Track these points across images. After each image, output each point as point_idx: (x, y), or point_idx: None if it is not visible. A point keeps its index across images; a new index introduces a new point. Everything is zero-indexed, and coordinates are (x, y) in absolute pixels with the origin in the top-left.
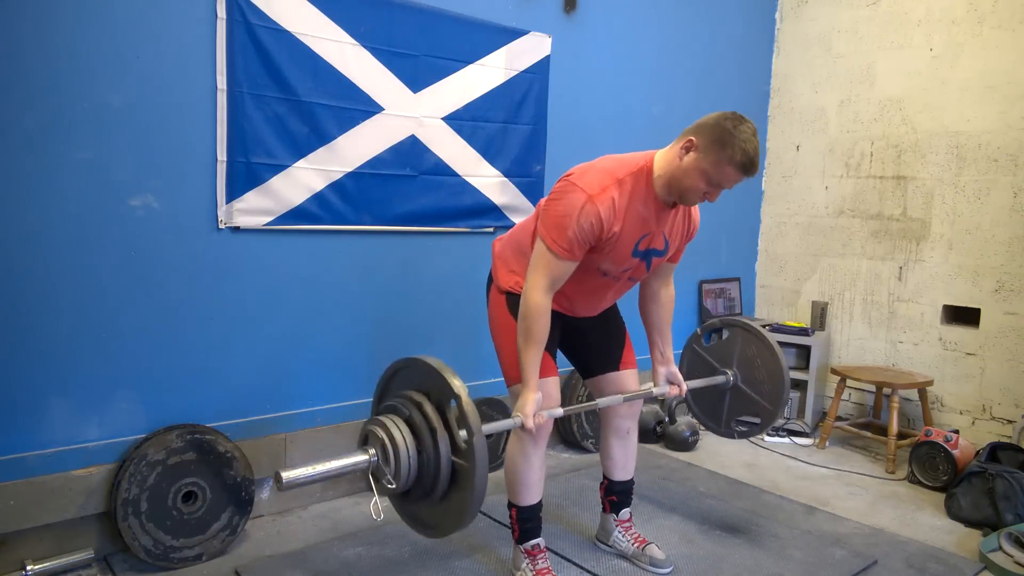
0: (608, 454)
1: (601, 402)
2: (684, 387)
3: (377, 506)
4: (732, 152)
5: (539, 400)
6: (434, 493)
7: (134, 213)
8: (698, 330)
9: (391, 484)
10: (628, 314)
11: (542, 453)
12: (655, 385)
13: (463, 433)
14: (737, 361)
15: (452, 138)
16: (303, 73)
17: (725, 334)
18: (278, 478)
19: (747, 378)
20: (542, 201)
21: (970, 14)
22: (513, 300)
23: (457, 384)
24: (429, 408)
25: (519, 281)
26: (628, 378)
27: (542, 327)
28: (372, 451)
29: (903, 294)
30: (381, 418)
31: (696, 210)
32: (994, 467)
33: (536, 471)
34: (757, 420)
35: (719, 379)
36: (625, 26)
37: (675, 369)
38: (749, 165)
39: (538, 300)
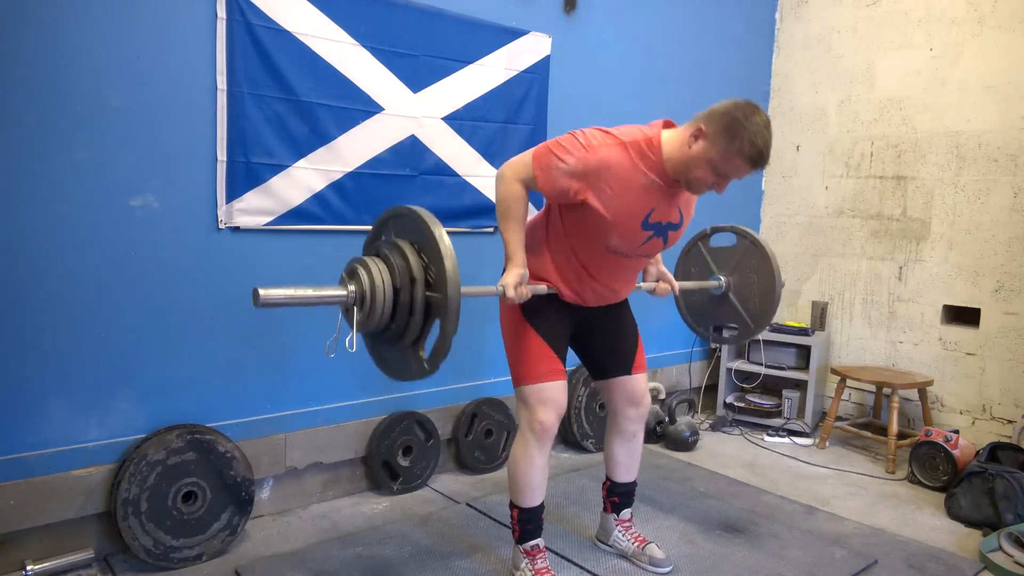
0: (613, 456)
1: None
2: (676, 285)
3: (351, 340)
4: (741, 144)
5: (524, 276)
6: (410, 329)
7: (134, 213)
8: (707, 229)
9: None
10: (638, 313)
11: (546, 455)
12: (644, 281)
13: (439, 284)
14: (734, 269)
15: (452, 138)
16: (303, 73)
17: (734, 240)
18: (255, 294)
19: (739, 289)
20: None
21: (970, 14)
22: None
23: (439, 234)
24: (412, 255)
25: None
26: (639, 382)
27: (520, 209)
28: (351, 287)
29: (903, 294)
30: (363, 257)
31: None
32: (994, 467)
33: (539, 473)
34: (736, 330)
35: (711, 283)
36: (625, 26)
37: (664, 268)
38: (759, 158)
39: (514, 188)
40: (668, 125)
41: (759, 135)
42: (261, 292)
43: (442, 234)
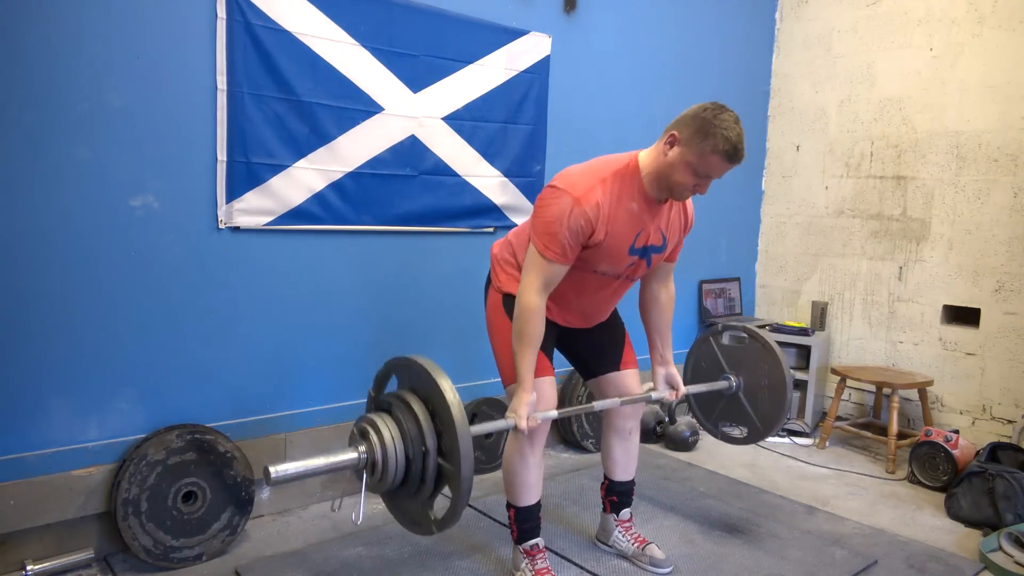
0: (609, 454)
1: (597, 405)
2: (682, 391)
3: (359, 512)
4: (715, 141)
5: (533, 402)
6: (421, 493)
7: (134, 213)
8: (720, 326)
9: (379, 482)
10: (627, 314)
11: (539, 454)
12: (654, 388)
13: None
14: (746, 370)
15: (452, 138)
16: (303, 73)
17: (746, 340)
18: (266, 473)
19: (749, 391)
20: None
21: (970, 14)
22: (510, 301)
23: (446, 387)
24: (419, 409)
25: (518, 282)
26: (629, 378)
27: (536, 328)
28: (362, 449)
29: (903, 294)
30: (372, 416)
31: (690, 203)
32: (994, 467)
33: (533, 472)
34: (744, 433)
35: (721, 385)
36: (625, 26)
37: (674, 371)
38: (733, 152)
39: (532, 301)
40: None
41: (730, 130)
42: (272, 470)
43: (445, 381)
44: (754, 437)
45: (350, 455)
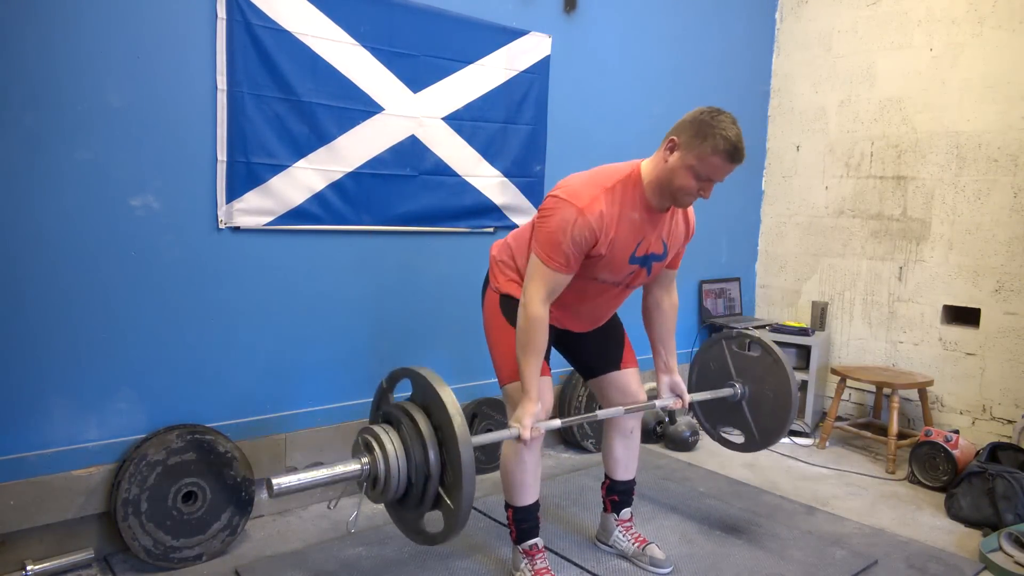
0: (611, 453)
1: (601, 414)
2: (687, 399)
3: (354, 520)
4: (715, 142)
5: (538, 413)
6: (423, 504)
7: (134, 213)
8: (734, 331)
9: (381, 494)
10: (625, 315)
11: (536, 454)
12: (659, 396)
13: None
14: (753, 380)
15: (452, 138)
16: (303, 73)
17: (757, 350)
18: (269, 485)
19: (753, 401)
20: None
21: (970, 14)
22: (507, 301)
23: (448, 399)
24: (422, 420)
25: (516, 285)
26: (630, 377)
27: (541, 338)
28: (365, 461)
29: (903, 294)
30: (375, 428)
31: (692, 211)
32: (994, 467)
33: (530, 472)
34: (741, 439)
35: (726, 392)
36: (625, 26)
37: (678, 379)
38: (734, 151)
39: (536, 311)
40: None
41: (729, 130)
42: (275, 482)
43: (447, 393)
44: (750, 447)
45: (353, 467)
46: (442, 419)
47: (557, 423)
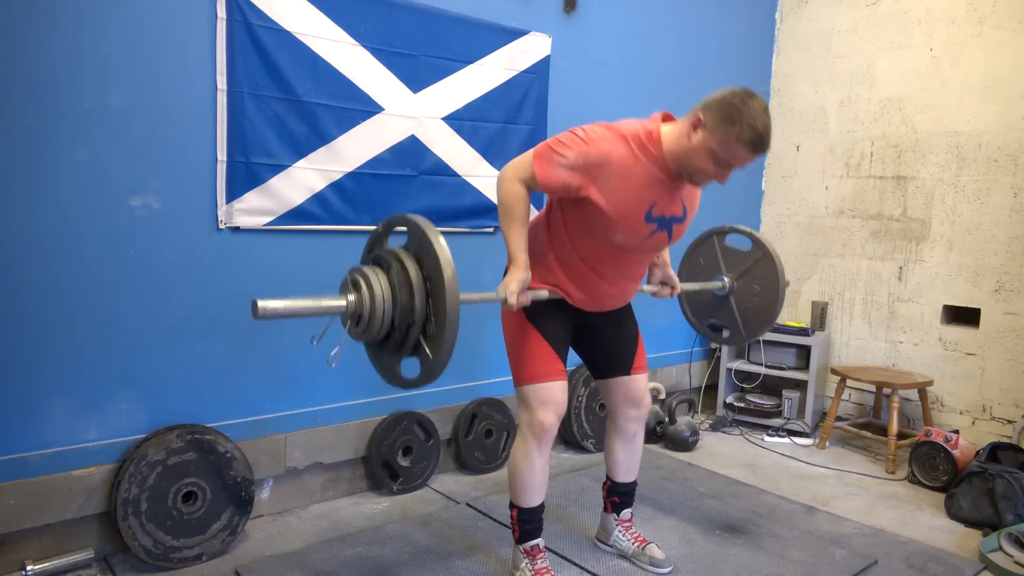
0: (613, 456)
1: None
2: (679, 287)
3: (336, 354)
4: (740, 129)
5: (526, 280)
6: (403, 349)
7: (134, 213)
8: (727, 226)
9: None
10: (638, 312)
11: (546, 457)
12: (648, 283)
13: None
14: (741, 274)
15: (452, 138)
16: (303, 73)
17: (750, 245)
18: (254, 306)
19: (740, 296)
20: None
21: (970, 14)
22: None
23: (442, 251)
24: (412, 268)
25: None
26: (639, 383)
27: (521, 208)
28: (351, 299)
29: (903, 294)
30: (367, 271)
31: None
32: (994, 467)
33: (539, 474)
34: (726, 333)
35: (715, 285)
36: (625, 26)
37: (671, 271)
38: (759, 142)
39: (513, 187)
40: (667, 118)
41: (758, 119)
42: (260, 304)
43: (441, 243)
44: (735, 340)
45: (338, 302)
46: (433, 270)
47: (544, 294)
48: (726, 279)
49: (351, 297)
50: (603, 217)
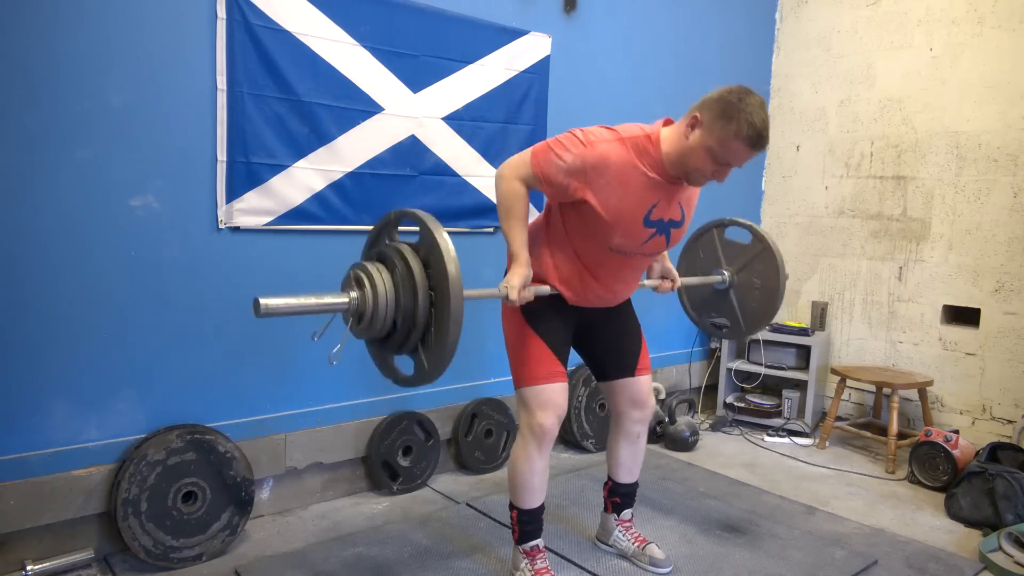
0: (616, 457)
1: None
2: (678, 281)
3: (337, 352)
4: (738, 126)
5: (527, 276)
6: (403, 348)
7: (134, 213)
8: (726, 219)
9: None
10: (638, 311)
11: (546, 458)
12: (648, 278)
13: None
14: (741, 268)
15: (452, 138)
16: (303, 73)
17: (749, 238)
18: (256, 304)
19: (741, 290)
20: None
21: (970, 14)
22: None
23: (442, 238)
24: (418, 272)
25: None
26: (642, 384)
27: (520, 206)
28: (354, 296)
29: (903, 294)
30: (371, 268)
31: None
32: (994, 467)
33: (539, 475)
34: (727, 326)
35: (715, 279)
36: (625, 26)
37: (670, 265)
38: (757, 139)
39: (514, 186)
40: (668, 123)
41: (755, 114)
42: (262, 301)
43: (445, 239)
44: (735, 334)
45: (341, 299)
46: (440, 278)
47: (546, 289)
48: (726, 273)
49: (354, 294)
50: (600, 220)
